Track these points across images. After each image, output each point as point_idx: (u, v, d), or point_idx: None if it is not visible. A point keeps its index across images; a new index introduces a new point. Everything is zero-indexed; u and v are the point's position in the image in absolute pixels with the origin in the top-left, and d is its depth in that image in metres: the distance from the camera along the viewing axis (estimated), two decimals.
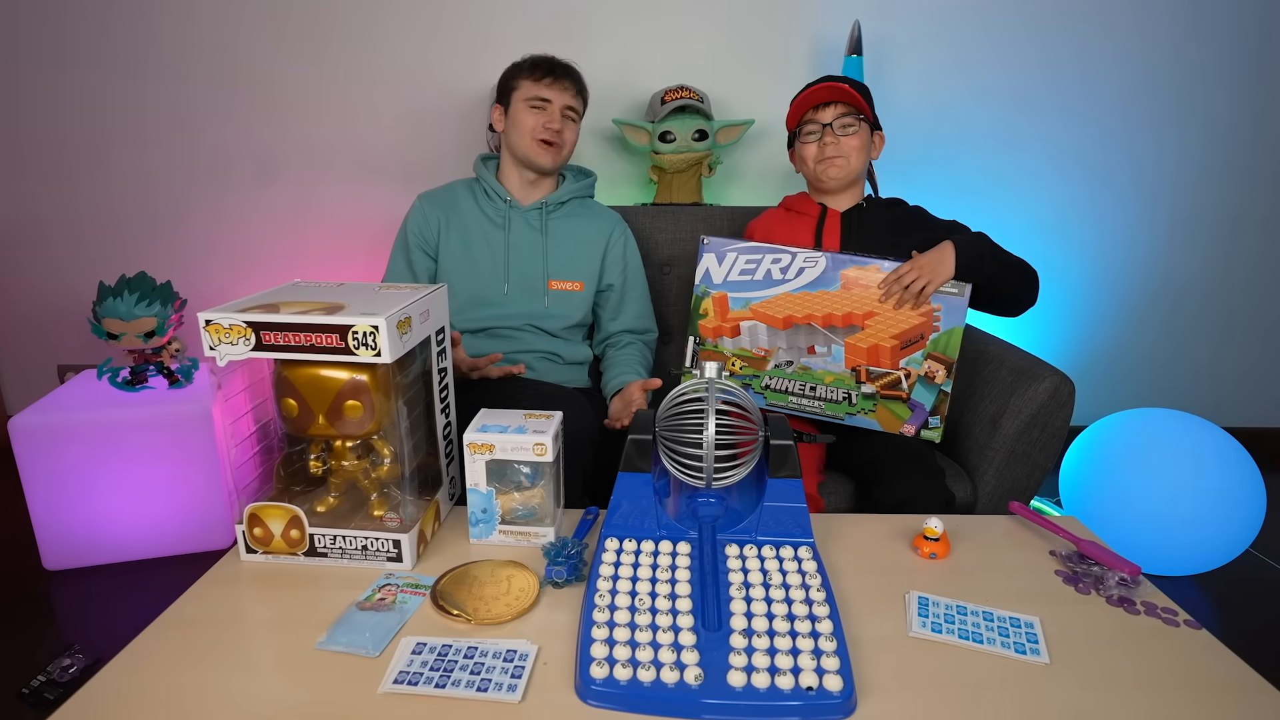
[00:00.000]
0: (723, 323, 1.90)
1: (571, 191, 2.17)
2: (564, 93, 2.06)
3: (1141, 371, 3.16)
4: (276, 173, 2.83)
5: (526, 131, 2.05)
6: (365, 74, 2.75)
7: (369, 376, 1.20)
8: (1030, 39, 2.80)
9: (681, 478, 1.27)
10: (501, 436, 1.27)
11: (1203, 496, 2.12)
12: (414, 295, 1.28)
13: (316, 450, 1.32)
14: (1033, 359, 1.93)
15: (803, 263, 1.87)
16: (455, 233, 2.09)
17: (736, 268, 1.91)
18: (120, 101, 2.74)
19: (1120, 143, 2.92)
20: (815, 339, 1.85)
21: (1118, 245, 3.02)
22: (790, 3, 2.76)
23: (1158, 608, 1.16)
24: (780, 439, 1.28)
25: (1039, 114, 2.87)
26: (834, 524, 1.41)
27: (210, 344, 1.15)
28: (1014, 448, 1.85)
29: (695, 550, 1.21)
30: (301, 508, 1.24)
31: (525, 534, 1.32)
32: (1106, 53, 2.82)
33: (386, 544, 1.24)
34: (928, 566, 1.28)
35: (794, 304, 1.87)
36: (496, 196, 2.12)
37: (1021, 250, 1.83)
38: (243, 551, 1.27)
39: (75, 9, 2.66)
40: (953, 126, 2.87)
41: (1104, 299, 3.07)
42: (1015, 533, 1.41)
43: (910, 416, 1.82)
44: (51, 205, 2.82)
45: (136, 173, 2.80)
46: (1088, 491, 2.28)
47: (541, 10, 2.73)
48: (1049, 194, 2.95)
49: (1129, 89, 2.86)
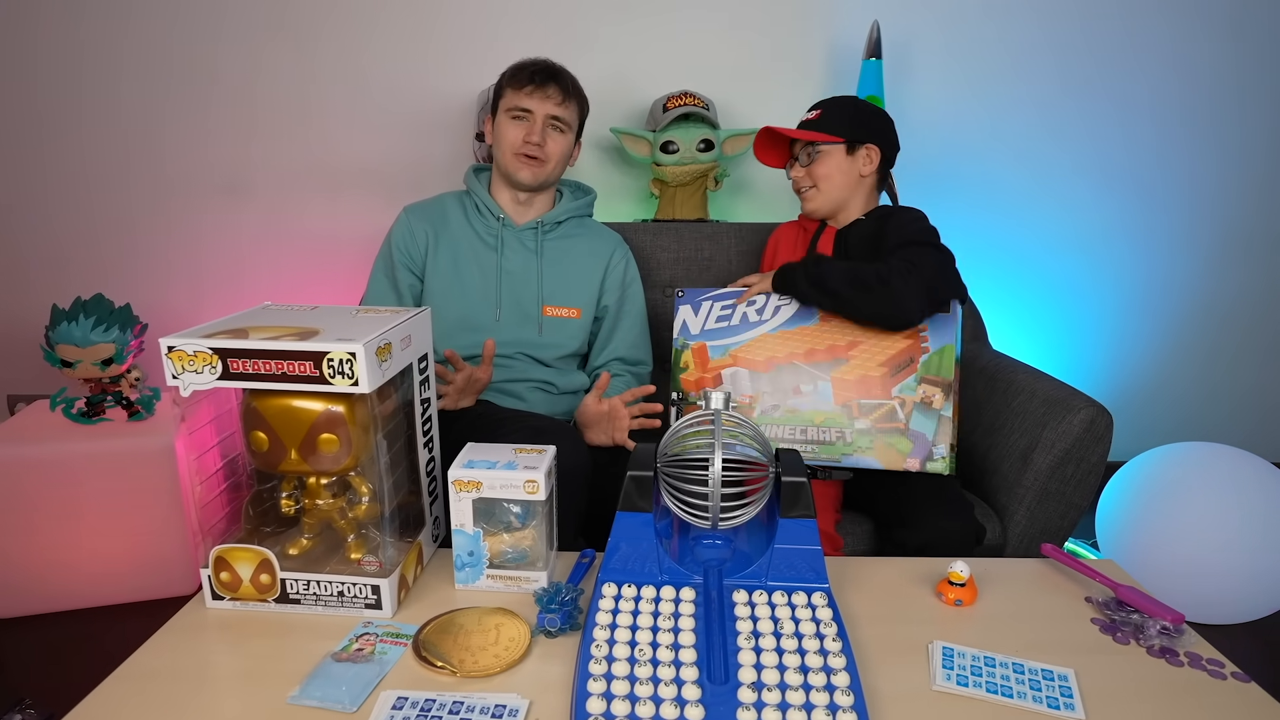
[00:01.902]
0: (704, 374, 1.93)
1: (569, 210, 2.17)
2: (547, 101, 2.03)
3: (1184, 402, 3.16)
4: (245, 185, 2.84)
5: (507, 145, 2.05)
6: (345, 78, 2.77)
7: (345, 408, 1.20)
8: (1060, 41, 2.82)
9: (685, 518, 1.27)
10: (489, 473, 1.27)
11: (1251, 538, 2.11)
12: (395, 319, 1.29)
13: (288, 488, 1.32)
14: (1066, 388, 1.94)
15: (778, 301, 1.93)
16: (445, 251, 2.09)
17: (712, 316, 1.96)
18: (74, 107, 2.75)
19: (1158, 153, 2.93)
20: (800, 378, 1.87)
21: (1157, 264, 3.03)
22: (803, 1, 2.78)
23: (1203, 659, 1.16)
24: (793, 475, 1.28)
25: (1070, 121, 2.89)
26: (851, 567, 1.41)
27: (173, 372, 1.15)
28: (1046, 485, 1.86)
29: (700, 596, 1.21)
30: (272, 550, 1.24)
31: (515, 579, 1.32)
32: (1141, 55, 2.84)
33: (364, 590, 1.23)
34: (953, 614, 1.28)
35: (774, 345, 1.90)
36: (489, 213, 2.11)
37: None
38: (208, 598, 1.26)
39: (24, 9, 2.67)
40: (978, 135, 2.88)
41: (1143, 323, 3.08)
42: (1048, 577, 1.41)
43: (912, 449, 1.79)
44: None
45: (93, 186, 2.81)
46: (1126, 533, 2.27)
47: (534, 10, 2.75)
48: (1082, 209, 2.96)
49: (1167, 97, 2.88)
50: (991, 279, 2.95)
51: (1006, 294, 3.00)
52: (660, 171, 2.65)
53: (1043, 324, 3.07)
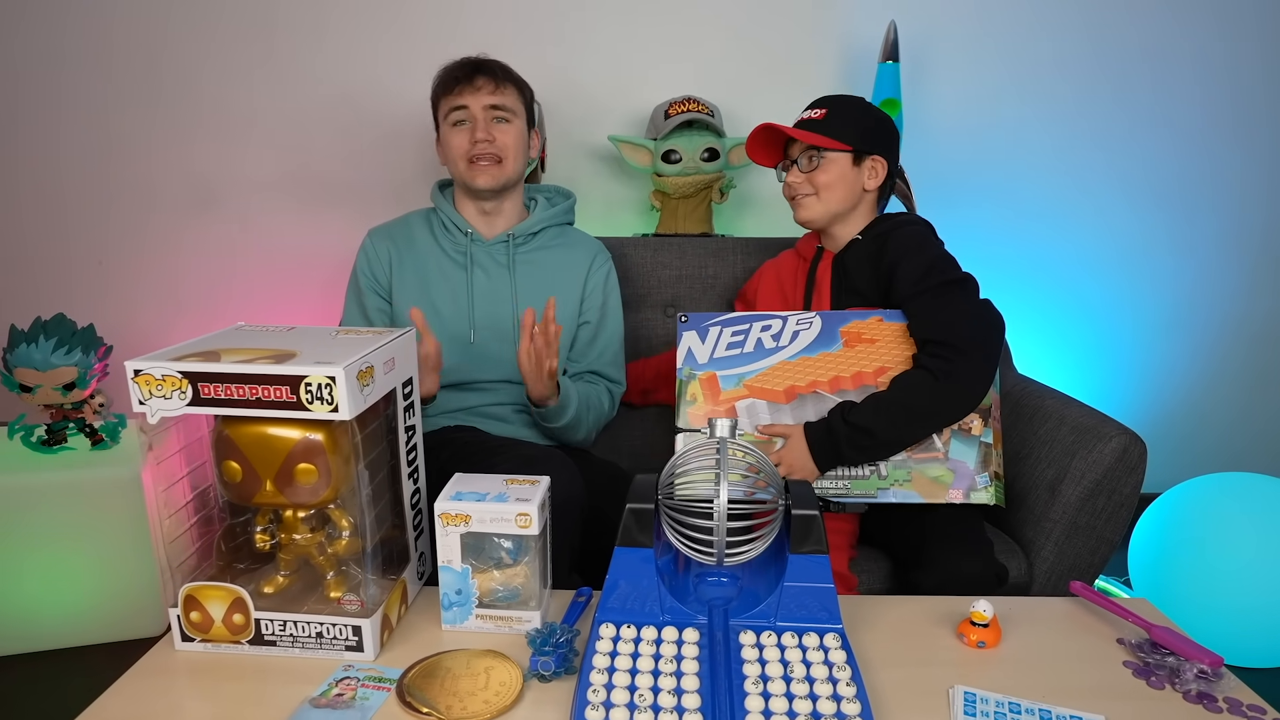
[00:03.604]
0: (715, 406, 1.90)
1: (545, 220, 2.16)
2: (480, 92, 2.00)
3: (1225, 430, 3.15)
4: (217, 198, 2.84)
5: (457, 155, 2.04)
6: (320, 85, 2.78)
7: (324, 436, 1.21)
8: (1094, 41, 2.81)
9: (688, 553, 1.28)
10: (479, 505, 1.27)
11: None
12: (377, 341, 1.29)
13: (263, 522, 1.32)
14: (1097, 415, 1.94)
15: (796, 325, 1.90)
16: (410, 271, 2.09)
17: (722, 343, 1.92)
18: (30, 113, 2.76)
19: (1202, 160, 2.92)
20: (825, 407, 1.84)
21: (1198, 280, 3.02)
22: (815, 1, 2.78)
23: (1243, 704, 1.16)
24: (803, 508, 1.29)
25: (1105, 126, 2.88)
26: (866, 607, 1.42)
27: (140, 398, 1.16)
28: (1076, 518, 1.86)
29: (704, 638, 1.21)
30: (246, 588, 1.24)
31: (507, 619, 1.32)
32: (1184, 54, 2.83)
33: (345, 631, 1.24)
34: (975, 657, 1.28)
35: (794, 372, 1.88)
36: (455, 229, 2.11)
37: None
38: (178, 639, 1.27)
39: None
40: (1003, 141, 2.88)
41: (1181, 344, 3.07)
42: (1077, 617, 1.42)
43: (953, 480, 1.78)
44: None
45: (53, 199, 2.82)
46: (1162, 569, 2.27)
47: (525, 11, 2.75)
48: (1117, 220, 2.95)
49: (1210, 98, 2.87)
50: (1017, 297, 2.94)
51: (1033, 313, 3.00)
52: (661, 182, 2.64)
53: (1072, 345, 3.06)
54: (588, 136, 2.74)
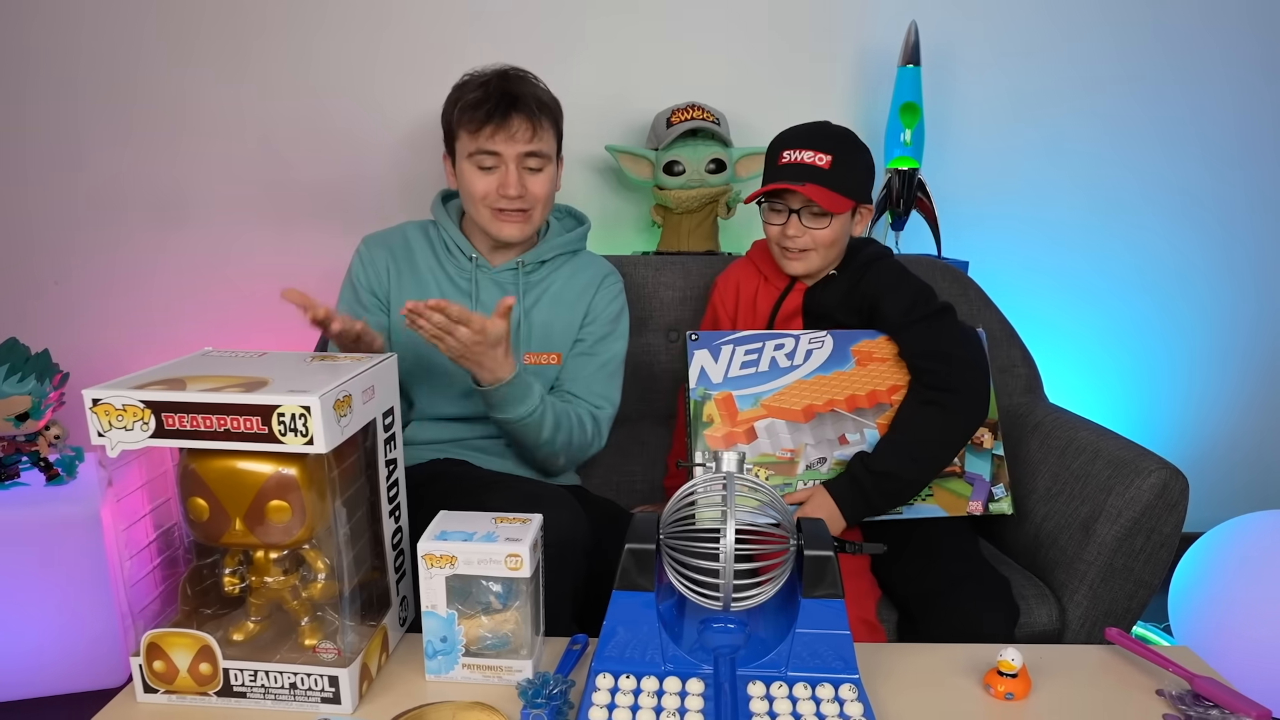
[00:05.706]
0: (734, 428, 1.93)
1: (557, 247, 2.12)
2: (514, 139, 1.92)
3: (1272, 464, 3.15)
4: (182, 214, 2.83)
5: (478, 199, 1.98)
6: (296, 91, 2.77)
7: (298, 470, 1.21)
8: (1129, 46, 2.83)
9: (693, 598, 1.28)
10: (466, 546, 1.27)
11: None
12: (355, 368, 1.29)
13: (232, 563, 1.32)
14: (1135, 448, 1.95)
15: (809, 344, 1.96)
16: (410, 290, 2.06)
17: (736, 361, 1.96)
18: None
19: (1245, 177, 2.94)
20: (844, 426, 1.92)
21: (1241, 306, 3.03)
22: (830, 1, 2.79)
23: None
24: (817, 548, 1.29)
25: (1141, 139, 2.90)
26: (883, 655, 1.42)
27: (99, 429, 1.16)
28: (1112, 560, 1.86)
29: (710, 689, 1.22)
30: (214, 635, 1.24)
31: (495, 669, 1.32)
32: (1224, 63, 2.85)
33: (321, 681, 1.24)
34: (1003, 710, 1.28)
35: (811, 391, 1.93)
36: (460, 253, 2.09)
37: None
38: (140, 691, 1.27)
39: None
40: (1031, 153, 2.90)
41: (1224, 373, 3.08)
42: (1114, 667, 1.42)
43: (972, 492, 1.93)
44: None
45: (5, 214, 2.81)
46: (1204, 615, 2.27)
47: (511, 9, 2.74)
48: (1154, 241, 2.97)
49: (1251, 108, 2.89)
50: (1047, 322, 2.96)
51: (1065, 339, 3.01)
52: (663, 196, 2.63)
53: (1107, 373, 3.07)
54: (583, 147, 2.73)
